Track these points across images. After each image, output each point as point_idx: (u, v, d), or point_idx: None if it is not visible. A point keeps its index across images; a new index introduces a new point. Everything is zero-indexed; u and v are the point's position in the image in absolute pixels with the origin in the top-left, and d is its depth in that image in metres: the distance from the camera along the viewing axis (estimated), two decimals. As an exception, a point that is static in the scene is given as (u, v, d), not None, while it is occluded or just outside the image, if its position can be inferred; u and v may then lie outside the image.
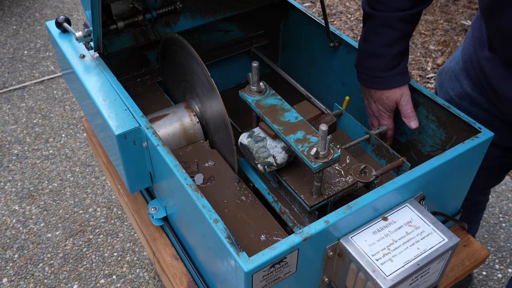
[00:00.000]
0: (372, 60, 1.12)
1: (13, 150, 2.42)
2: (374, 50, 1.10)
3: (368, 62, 1.13)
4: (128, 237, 2.01)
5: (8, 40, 3.21)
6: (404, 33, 1.08)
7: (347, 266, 0.85)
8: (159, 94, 1.36)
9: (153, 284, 1.85)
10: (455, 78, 1.24)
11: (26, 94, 2.78)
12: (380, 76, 1.11)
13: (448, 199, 1.09)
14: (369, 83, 1.15)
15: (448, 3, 3.48)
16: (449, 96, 1.27)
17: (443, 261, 0.87)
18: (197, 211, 0.84)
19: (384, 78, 1.11)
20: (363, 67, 1.14)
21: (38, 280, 1.86)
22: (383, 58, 1.10)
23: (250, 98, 1.03)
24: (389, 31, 1.07)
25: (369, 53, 1.12)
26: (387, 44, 1.08)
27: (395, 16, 1.05)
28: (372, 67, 1.12)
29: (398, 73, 1.11)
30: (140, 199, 1.26)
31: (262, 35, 1.56)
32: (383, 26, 1.07)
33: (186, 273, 1.08)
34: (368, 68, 1.13)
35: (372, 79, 1.14)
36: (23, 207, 2.13)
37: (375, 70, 1.12)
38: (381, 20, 1.07)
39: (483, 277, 1.89)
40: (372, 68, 1.12)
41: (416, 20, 1.09)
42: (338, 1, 3.59)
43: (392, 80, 1.11)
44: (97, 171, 2.31)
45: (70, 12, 3.53)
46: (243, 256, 0.73)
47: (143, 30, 1.27)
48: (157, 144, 0.94)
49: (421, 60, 3.00)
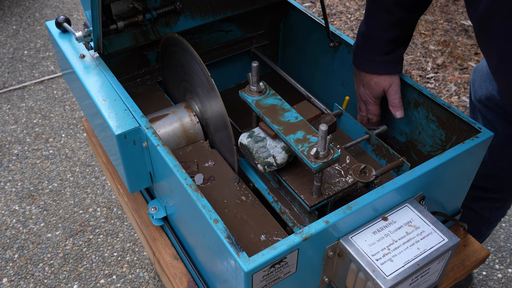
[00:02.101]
0: (365, 41, 1.13)
1: (13, 150, 2.42)
2: (368, 32, 1.12)
3: (362, 44, 1.14)
4: (128, 237, 2.01)
5: (8, 40, 3.21)
6: (400, 19, 1.08)
7: (347, 266, 0.85)
8: (159, 94, 1.36)
9: (153, 284, 1.85)
10: (484, 79, 1.23)
11: (26, 94, 2.78)
12: (372, 60, 1.12)
13: (448, 199, 1.09)
14: (361, 66, 1.16)
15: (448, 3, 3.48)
16: (478, 96, 1.25)
17: (443, 261, 0.87)
18: (197, 211, 0.84)
19: (376, 62, 1.12)
20: (358, 48, 1.15)
21: (38, 280, 1.86)
22: (376, 41, 1.11)
23: (250, 98, 1.03)
24: (385, 14, 1.08)
25: (364, 34, 1.13)
26: (381, 28, 1.09)
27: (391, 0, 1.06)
28: (365, 48, 1.13)
29: (391, 61, 1.11)
30: (140, 199, 1.26)
31: (262, 35, 1.56)
32: (380, 9, 1.08)
33: (186, 273, 1.08)
34: (361, 49, 1.14)
35: (363, 61, 1.15)
36: (23, 207, 2.13)
37: (367, 52, 1.13)
38: (378, 3, 1.08)
39: (483, 277, 1.89)
40: (365, 50, 1.13)
41: (414, 9, 1.08)
42: (338, 1, 3.59)
43: (382, 66, 1.11)
44: (97, 171, 2.31)
45: (70, 12, 3.53)
46: (243, 256, 0.73)
47: (143, 30, 1.27)
48: (157, 144, 0.94)
49: (421, 60, 3.00)
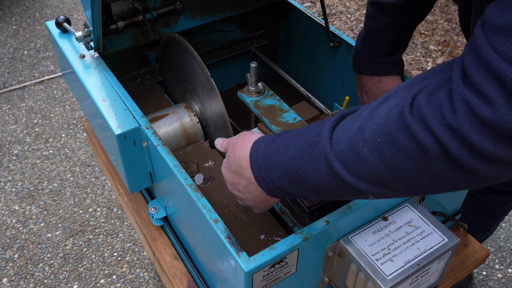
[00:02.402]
0: (365, 44, 1.13)
1: (13, 150, 2.42)
2: (367, 34, 1.12)
3: (362, 47, 1.14)
4: (128, 237, 2.01)
5: (8, 40, 3.21)
6: (398, 21, 1.08)
7: (347, 266, 0.85)
8: (159, 94, 1.36)
9: (153, 284, 1.85)
10: None
11: (26, 94, 2.78)
12: (372, 61, 1.13)
13: (448, 199, 1.09)
14: (361, 69, 1.16)
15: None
16: None
17: (443, 261, 0.87)
18: (197, 211, 0.84)
19: (375, 63, 1.12)
20: (357, 52, 1.16)
21: (38, 280, 1.86)
22: (374, 43, 1.11)
23: (248, 98, 1.03)
24: (383, 17, 1.08)
25: (363, 37, 1.13)
26: (380, 30, 1.09)
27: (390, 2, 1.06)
28: (365, 51, 1.13)
29: (389, 62, 1.11)
30: (140, 199, 1.26)
31: (262, 35, 1.56)
32: (379, 11, 1.08)
33: (186, 273, 1.08)
34: (361, 52, 1.14)
35: (363, 64, 1.15)
36: (23, 207, 2.13)
37: (367, 55, 1.13)
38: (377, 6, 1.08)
39: (483, 277, 1.89)
40: (365, 53, 1.13)
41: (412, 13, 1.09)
42: (338, 1, 3.59)
43: (382, 67, 1.12)
44: (97, 171, 2.31)
45: (70, 12, 3.53)
46: (243, 256, 0.73)
47: (143, 30, 1.27)
48: (157, 144, 0.94)
49: (421, 60, 3.00)
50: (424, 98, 0.53)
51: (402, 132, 0.54)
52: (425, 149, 0.53)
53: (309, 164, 0.64)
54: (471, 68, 0.49)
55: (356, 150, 0.59)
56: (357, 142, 0.59)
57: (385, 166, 0.57)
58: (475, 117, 0.48)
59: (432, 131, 0.51)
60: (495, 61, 0.47)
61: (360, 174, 0.60)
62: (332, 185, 0.63)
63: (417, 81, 0.58)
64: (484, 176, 0.52)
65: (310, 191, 0.68)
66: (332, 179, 0.63)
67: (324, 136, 0.63)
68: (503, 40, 0.47)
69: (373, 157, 0.57)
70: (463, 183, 0.55)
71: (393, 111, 0.56)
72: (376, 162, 0.57)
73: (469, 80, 0.49)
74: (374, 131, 0.57)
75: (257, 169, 0.71)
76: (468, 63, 0.50)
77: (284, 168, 0.67)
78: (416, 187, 0.58)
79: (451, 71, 0.53)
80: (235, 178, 0.77)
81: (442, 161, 0.52)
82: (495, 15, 0.48)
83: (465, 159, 0.51)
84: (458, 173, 0.53)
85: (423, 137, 0.52)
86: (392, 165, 0.56)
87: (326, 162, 0.62)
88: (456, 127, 0.50)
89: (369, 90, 1.15)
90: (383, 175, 0.58)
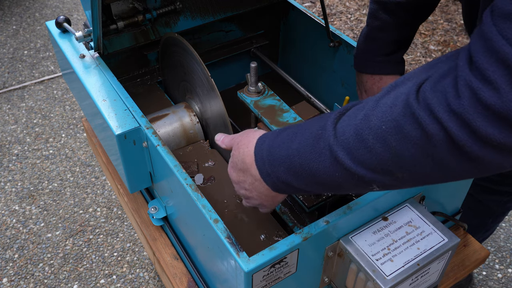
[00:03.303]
0: (367, 43, 1.13)
1: (13, 150, 2.42)
2: (369, 32, 1.12)
3: (363, 45, 1.14)
4: (128, 237, 2.01)
5: (8, 40, 3.21)
6: (401, 20, 1.08)
7: (347, 266, 0.85)
8: (159, 94, 1.36)
9: (153, 284, 1.85)
10: None
11: (26, 94, 2.78)
12: (373, 60, 1.12)
13: (448, 199, 1.09)
14: (362, 67, 1.15)
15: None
16: None
17: (443, 261, 0.87)
18: (197, 211, 0.84)
19: (376, 62, 1.12)
20: (359, 50, 1.15)
21: (38, 280, 1.86)
22: (376, 42, 1.11)
23: (248, 98, 1.03)
24: (386, 15, 1.08)
25: (365, 36, 1.13)
26: (382, 29, 1.09)
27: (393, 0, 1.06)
28: (366, 49, 1.13)
29: (391, 61, 1.11)
30: (140, 199, 1.26)
31: (262, 35, 1.56)
32: (381, 10, 1.08)
33: (186, 273, 1.08)
34: (362, 51, 1.14)
35: (364, 62, 1.14)
36: (23, 207, 2.13)
37: (368, 54, 1.13)
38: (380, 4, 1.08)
39: (483, 277, 1.89)
40: (366, 51, 1.13)
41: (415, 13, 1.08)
42: (338, 1, 3.59)
43: (383, 66, 1.11)
44: (97, 171, 2.31)
45: (70, 12, 3.53)
46: (243, 256, 0.73)
47: (143, 30, 1.27)
48: (157, 144, 0.94)
49: (421, 60, 3.00)
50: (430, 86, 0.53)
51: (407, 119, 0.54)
52: (430, 135, 0.53)
53: (314, 157, 0.64)
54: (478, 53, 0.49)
55: (361, 138, 0.59)
56: (362, 130, 0.59)
57: (390, 154, 0.57)
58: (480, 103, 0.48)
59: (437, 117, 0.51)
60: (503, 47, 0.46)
61: (365, 162, 0.60)
62: (337, 177, 0.63)
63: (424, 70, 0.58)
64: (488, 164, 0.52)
65: (314, 185, 0.67)
66: (336, 170, 0.63)
67: (328, 128, 0.63)
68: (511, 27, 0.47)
69: (378, 144, 0.57)
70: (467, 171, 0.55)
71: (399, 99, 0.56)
72: (381, 149, 0.57)
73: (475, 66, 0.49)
74: (379, 118, 0.57)
75: (261, 164, 0.71)
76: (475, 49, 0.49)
77: (289, 162, 0.67)
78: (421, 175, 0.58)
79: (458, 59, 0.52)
80: (241, 176, 0.77)
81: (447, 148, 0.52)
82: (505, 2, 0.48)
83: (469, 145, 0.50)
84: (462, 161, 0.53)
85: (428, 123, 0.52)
86: (397, 152, 0.56)
87: (331, 154, 0.62)
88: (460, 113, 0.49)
89: (369, 89, 1.15)
90: (388, 163, 0.58)
